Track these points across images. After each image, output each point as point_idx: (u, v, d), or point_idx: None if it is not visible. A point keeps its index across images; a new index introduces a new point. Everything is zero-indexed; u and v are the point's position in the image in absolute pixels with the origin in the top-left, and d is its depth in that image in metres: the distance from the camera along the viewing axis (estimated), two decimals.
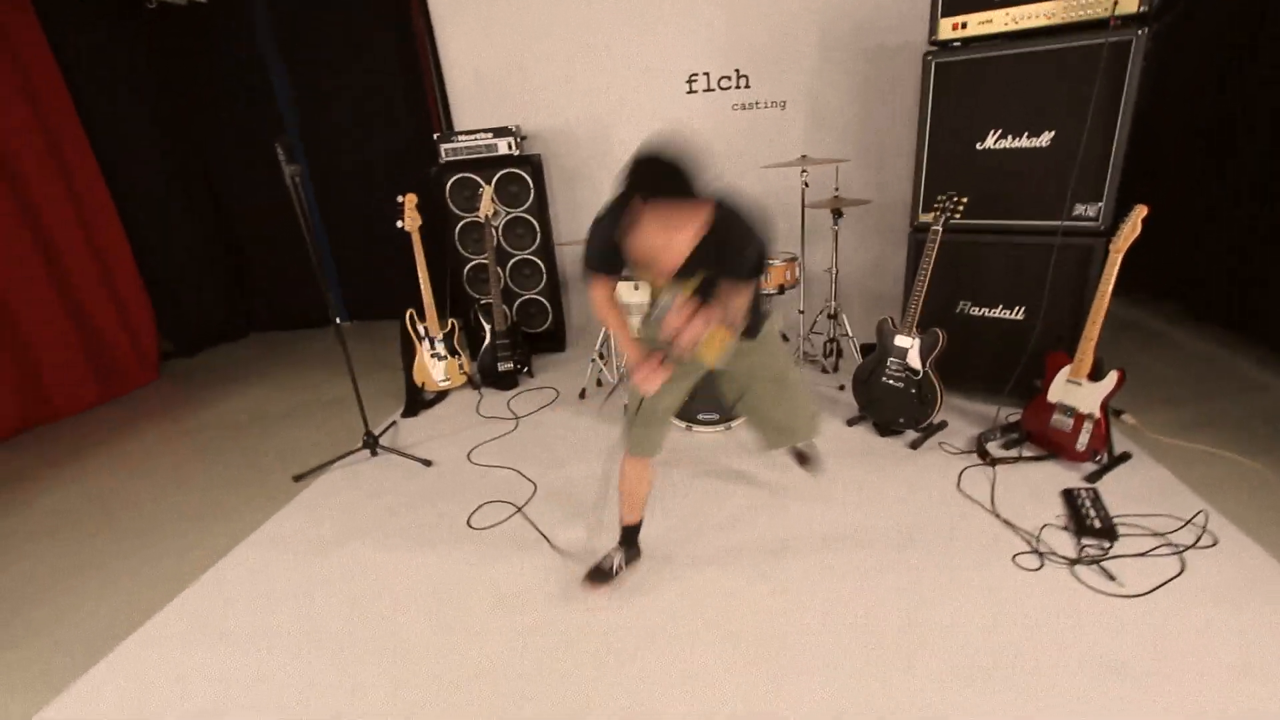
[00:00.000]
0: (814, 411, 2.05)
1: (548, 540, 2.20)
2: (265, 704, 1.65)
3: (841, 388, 3.13)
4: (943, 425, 2.72)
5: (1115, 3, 2.17)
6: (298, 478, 2.81)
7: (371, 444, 2.96)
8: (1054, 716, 1.44)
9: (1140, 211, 2.12)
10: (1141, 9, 2.15)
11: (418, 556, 2.20)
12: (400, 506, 2.52)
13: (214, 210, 5.02)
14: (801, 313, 3.18)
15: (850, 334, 3.31)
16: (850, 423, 2.83)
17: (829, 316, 3.34)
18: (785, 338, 1.98)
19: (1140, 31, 2.15)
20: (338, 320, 2.77)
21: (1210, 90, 3.36)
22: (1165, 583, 1.78)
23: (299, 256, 2.97)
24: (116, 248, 4.21)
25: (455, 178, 3.70)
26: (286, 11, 4.46)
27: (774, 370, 1.92)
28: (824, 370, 3.39)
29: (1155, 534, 1.97)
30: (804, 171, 2.96)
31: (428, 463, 2.84)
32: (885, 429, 2.72)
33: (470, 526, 2.34)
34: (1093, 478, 2.28)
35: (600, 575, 1.94)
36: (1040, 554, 1.94)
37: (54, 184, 3.79)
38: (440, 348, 3.56)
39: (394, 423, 3.32)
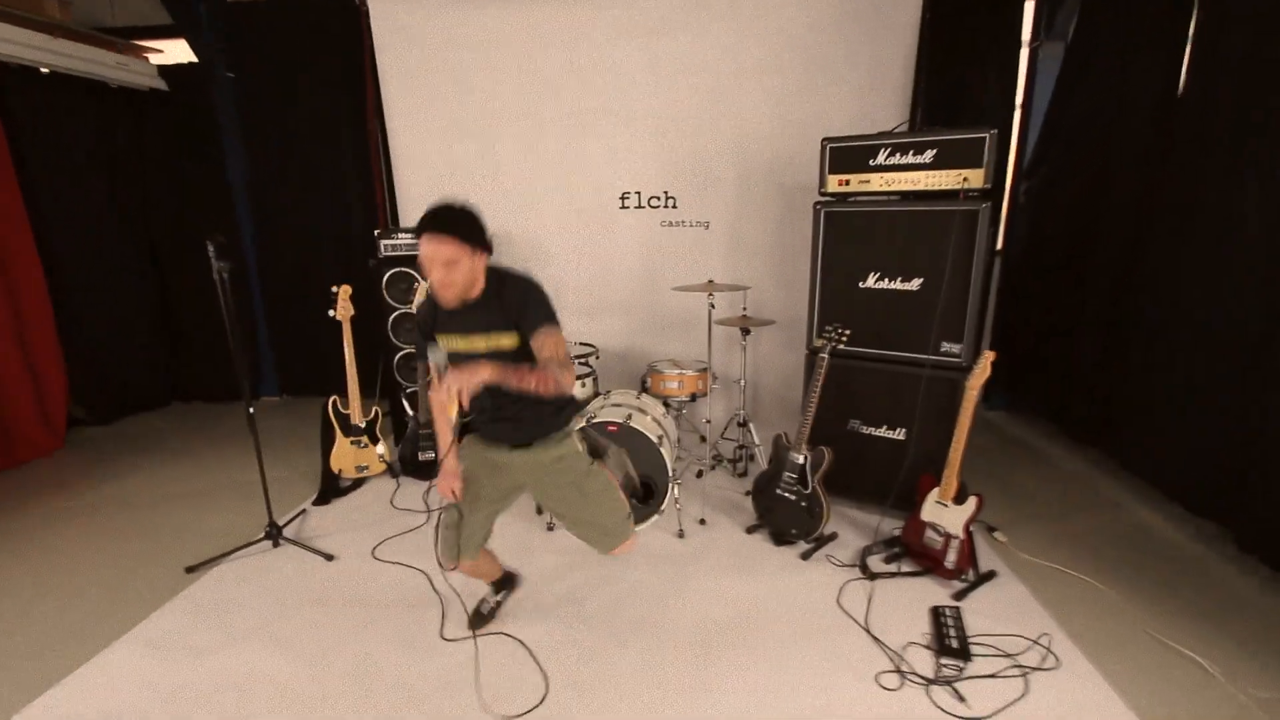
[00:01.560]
0: (625, 515, 2.06)
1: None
2: None
3: (747, 493, 3.28)
4: (833, 536, 2.88)
5: (965, 179, 2.56)
6: (190, 569, 2.73)
7: (274, 534, 2.92)
8: None
9: (988, 356, 2.42)
10: (987, 185, 2.55)
11: (296, 666, 2.16)
12: (291, 606, 2.48)
13: (155, 280, 5.01)
14: (708, 421, 3.38)
15: (758, 443, 3.50)
16: (749, 530, 2.96)
17: (739, 424, 3.54)
18: (596, 454, 2.08)
19: (985, 205, 2.53)
20: (251, 410, 2.79)
21: (1072, 235, 3.86)
22: (1007, 706, 1.92)
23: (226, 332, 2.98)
24: (37, 309, 4.13)
25: (392, 271, 3.85)
26: (248, 96, 4.68)
27: (571, 477, 2.00)
28: (734, 474, 3.56)
29: (1005, 654, 2.13)
30: (710, 295, 3.23)
31: (330, 557, 2.82)
32: (780, 538, 2.86)
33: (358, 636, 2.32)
34: (960, 595, 2.46)
35: (480, 619, 2.29)
36: (902, 673, 2.06)
37: None
38: (361, 435, 3.58)
39: (304, 510, 3.28)
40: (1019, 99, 4.14)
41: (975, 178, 2.56)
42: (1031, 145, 4.17)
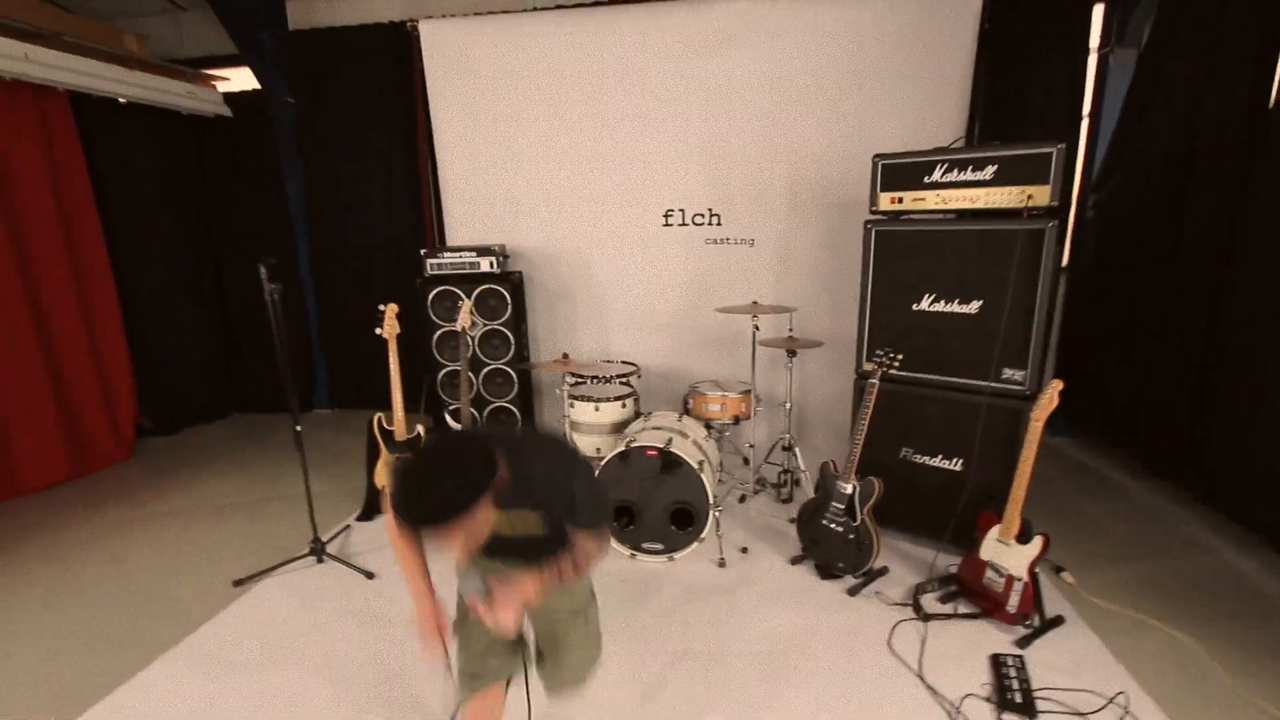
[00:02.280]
0: (593, 659, 1.67)
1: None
2: None
3: (792, 520, 3.16)
4: (883, 571, 2.73)
5: (1029, 196, 2.41)
6: (238, 583, 2.80)
7: (319, 551, 2.97)
8: None
9: (1056, 385, 2.26)
10: (1053, 203, 2.39)
11: (331, 685, 2.16)
12: (330, 624, 2.50)
13: (216, 295, 5.25)
14: (751, 446, 3.28)
15: (803, 467, 3.38)
16: (794, 561, 2.84)
17: (784, 448, 3.43)
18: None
19: (1052, 224, 2.37)
20: (298, 429, 2.85)
21: (1147, 252, 3.60)
22: None
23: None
24: (109, 321, 4.37)
25: (438, 290, 3.91)
26: (306, 121, 4.87)
27: (573, 605, 1.62)
28: (778, 500, 3.43)
29: (1075, 713, 1.95)
30: (755, 317, 3.14)
31: (370, 575, 2.84)
32: (826, 572, 2.73)
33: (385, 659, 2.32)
34: (1023, 642, 2.28)
35: None
36: None
37: (57, 254, 3.98)
38: (406, 452, 3.61)
39: (348, 526, 3.33)
40: (1086, 108, 3.91)
41: (1041, 195, 2.40)
42: (1100, 156, 3.93)
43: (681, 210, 4.06)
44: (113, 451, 4.37)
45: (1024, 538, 2.31)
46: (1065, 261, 4.22)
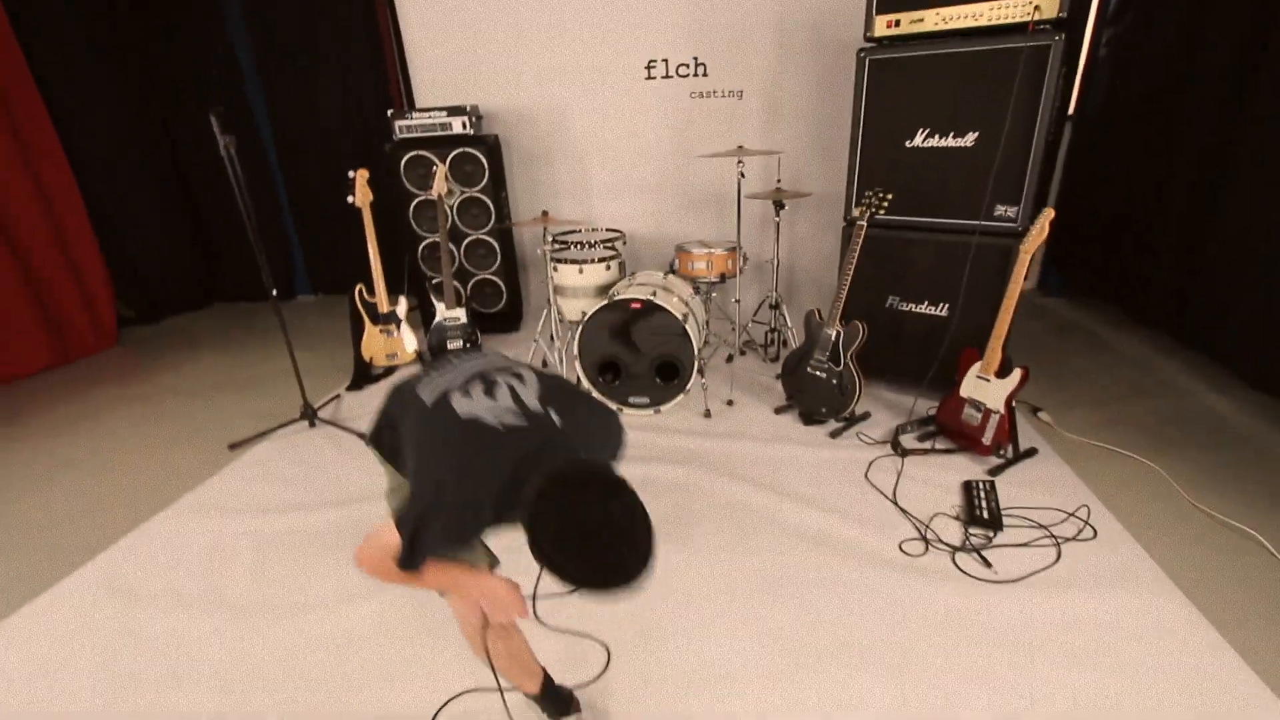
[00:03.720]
0: None
1: None
2: (164, 659, 1.71)
3: (778, 376, 3.19)
4: (865, 416, 2.79)
5: (1035, 8, 2.21)
6: (233, 446, 2.85)
7: (310, 415, 3.00)
8: (900, 691, 1.51)
9: (1048, 214, 2.17)
10: (1060, 14, 2.19)
11: (329, 527, 2.25)
12: (324, 476, 2.57)
13: (178, 181, 5.00)
14: (737, 302, 3.23)
15: (790, 325, 3.36)
16: (778, 410, 2.89)
17: (770, 306, 3.40)
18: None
19: (1058, 37, 2.19)
20: (274, 292, 2.79)
21: (1161, 96, 3.40)
22: (1037, 571, 1.86)
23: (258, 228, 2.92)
24: (73, 215, 4.18)
25: (409, 155, 3.71)
26: None
27: None
28: (765, 359, 3.45)
29: (1039, 525, 2.05)
30: (740, 162, 2.99)
31: (363, 436, 2.89)
32: (809, 418, 2.78)
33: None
34: (995, 470, 2.36)
35: None
36: (927, 541, 2.01)
37: (7, 147, 3.76)
38: (389, 323, 3.58)
39: (338, 395, 3.36)
40: None
41: (1049, 6, 2.20)
42: None
43: (665, 61, 3.77)
44: (95, 341, 4.33)
45: (1003, 372, 2.33)
46: (1073, 108, 3.99)
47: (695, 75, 3.76)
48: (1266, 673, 1.50)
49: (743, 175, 3.02)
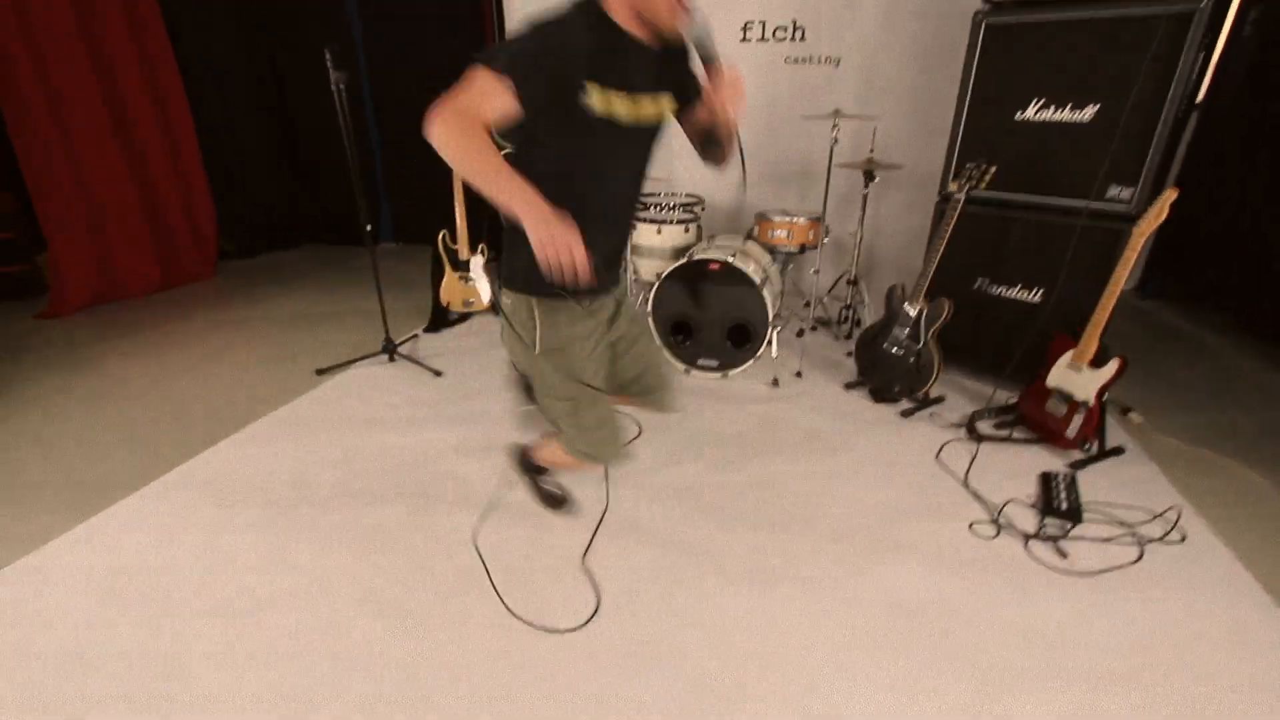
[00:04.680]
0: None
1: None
2: (255, 550, 1.86)
3: (849, 354, 3.13)
4: (940, 399, 2.70)
5: None
6: (320, 371, 3.03)
7: (390, 350, 3.15)
8: (958, 677, 1.49)
9: (1170, 195, 2.03)
10: None
11: (404, 448, 2.37)
12: (404, 405, 2.71)
13: (281, 123, 5.27)
14: (816, 272, 3.16)
15: (866, 302, 3.28)
16: (847, 386, 2.85)
17: (849, 282, 3.32)
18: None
19: (1203, 3, 2.02)
20: (369, 228, 2.92)
21: None
22: (1116, 567, 1.78)
23: (350, 172, 3.06)
24: (187, 145, 4.49)
25: None
26: None
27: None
28: (838, 337, 3.39)
29: (1122, 524, 1.96)
30: (835, 126, 2.91)
31: (438, 373, 3.02)
32: (880, 395, 2.73)
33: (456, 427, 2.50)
34: (1078, 464, 2.26)
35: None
36: (999, 525, 1.95)
37: (141, 83, 4.05)
38: (468, 271, 3.69)
39: (416, 335, 3.51)
40: None
41: None
42: None
43: (762, 23, 3.67)
44: (199, 269, 4.65)
45: (1098, 362, 2.21)
46: (1200, 96, 3.68)
47: (792, 40, 3.65)
48: None
49: (836, 140, 2.93)
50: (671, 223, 3.18)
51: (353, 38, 4.90)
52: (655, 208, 3.51)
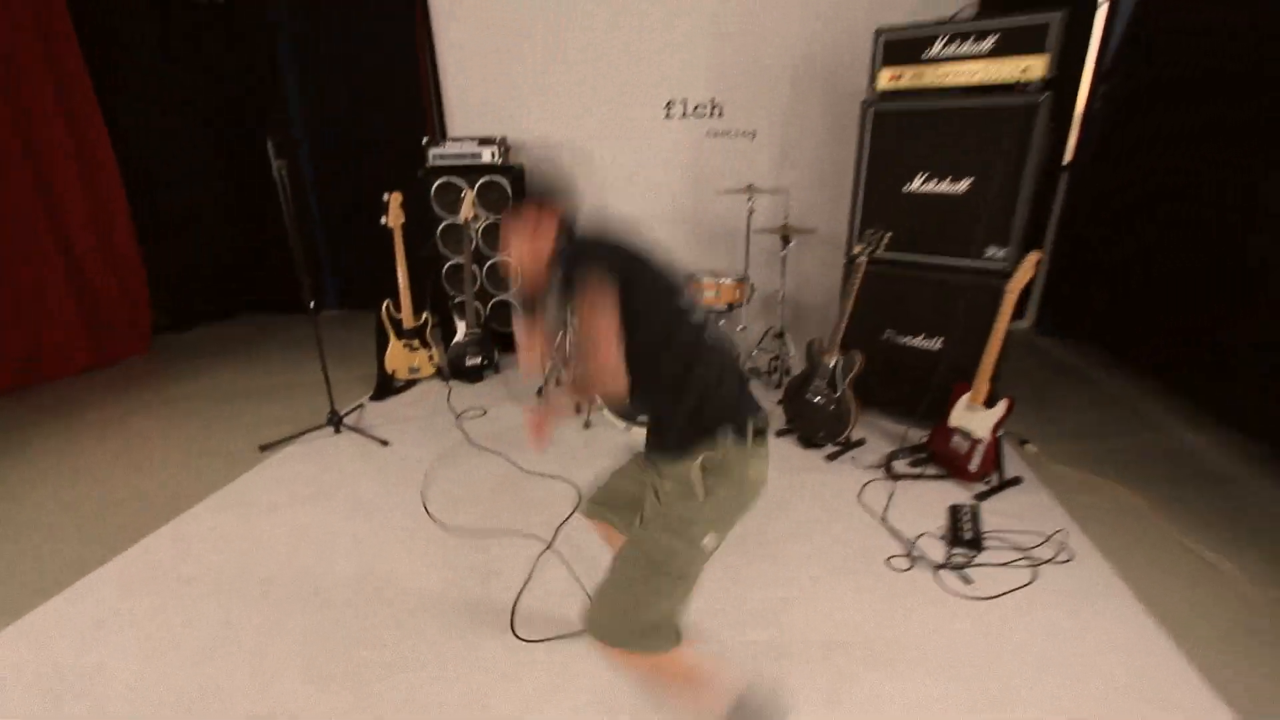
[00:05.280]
0: (622, 613, 1.28)
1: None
2: (200, 637, 1.86)
3: (779, 402, 3.34)
4: (860, 442, 2.93)
5: (1025, 69, 2.42)
6: (263, 448, 3.03)
7: (335, 422, 3.18)
8: (874, 694, 1.64)
9: (1034, 256, 2.35)
10: (1048, 75, 2.40)
11: (358, 521, 2.41)
12: (352, 478, 2.74)
13: (217, 193, 5.28)
14: (743, 329, 3.41)
15: (793, 354, 3.53)
16: (778, 434, 3.05)
17: (775, 336, 3.57)
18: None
19: (1045, 96, 2.39)
20: (312, 304, 2.99)
21: (1148, 148, 3.59)
22: (1014, 590, 1.99)
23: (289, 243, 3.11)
24: (118, 217, 4.43)
25: (440, 181, 3.95)
26: (301, 10, 4.74)
27: (660, 503, 1.33)
28: (769, 386, 3.62)
29: (1019, 548, 2.18)
30: (750, 199, 3.20)
31: (385, 442, 3.06)
32: (808, 442, 2.93)
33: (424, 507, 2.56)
34: (981, 496, 2.50)
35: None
36: (912, 558, 2.15)
37: (68, 152, 4.03)
38: (413, 339, 3.78)
39: (361, 404, 3.55)
40: None
41: (1037, 66, 2.41)
42: (1116, 42, 3.83)
43: (684, 101, 4.01)
44: (132, 345, 4.56)
45: (990, 402, 2.48)
46: (1068, 158, 4.20)
47: (712, 115, 4.00)
48: (1224, 690, 1.62)
49: (752, 211, 3.22)
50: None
51: (289, 115, 5.03)
52: None
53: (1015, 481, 2.59)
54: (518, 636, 1.83)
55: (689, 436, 1.28)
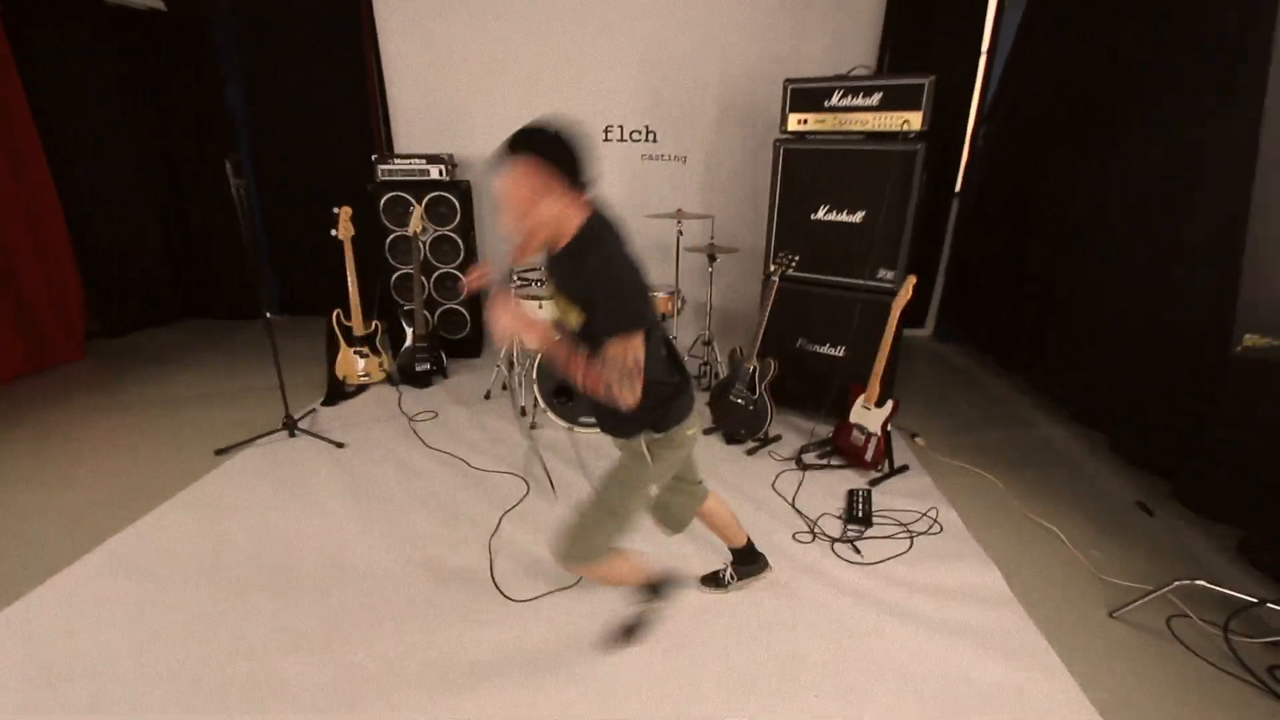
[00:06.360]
0: (582, 540, 1.66)
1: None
2: (168, 634, 2.04)
3: (706, 404, 3.72)
4: (777, 438, 3.34)
5: (905, 122, 2.88)
6: (219, 451, 3.15)
7: (290, 426, 3.33)
8: (773, 641, 2.01)
9: (910, 280, 2.80)
10: (924, 128, 2.86)
11: (320, 520, 2.61)
12: (309, 478, 2.92)
13: (160, 201, 5.23)
14: (674, 338, 3.76)
15: (719, 359, 3.92)
16: (706, 432, 3.41)
17: (704, 343, 3.95)
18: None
19: (920, 147, 2.85)
20: (268, 314, 3.15)
21: (1019, 181, 4.17)
22: (891, 557, 2.41)
23: (236, 251, 3.21)
24: (52, 224, 4.38)
25: (390, 195, 4.14)
26: (246, 20, 4.79)
27: (615, 472, 1.71)
28: (699, 389, 3.99)
29: (899, 524, 2.62)
30: (679, 223, 3.57)
31: (340, 445, 3.25)
32: (730, 438, 3.32)
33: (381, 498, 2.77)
34: (874, 482, 2.93)
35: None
36: (814, 534, 2.55)
37: None
38: (363, 345, 3.95)
39: (314, 409, 3.69)
40: (985, 45, 4.36)
41: (914, 120, 2.87)
42: (993, 91, 4.42)
43: (620, 127, 4.35)
44: (66, 350, 4.50)
45: (880, 402, 2.92)
46: (959, 187, 4.78)
47: (646, 140, 4.36)
48: (1048, 629, 2.06)
49: (681, 233, 3.59)
50: (550, 298, 3.65)
51: (232, 123, 5.05)
52: (536, 284, 4.00)
53: (903, 469, 3.04)
54: (503, 593, 2.10)
55: (645, 424, 1.63)
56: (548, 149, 1.39)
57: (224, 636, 1.99)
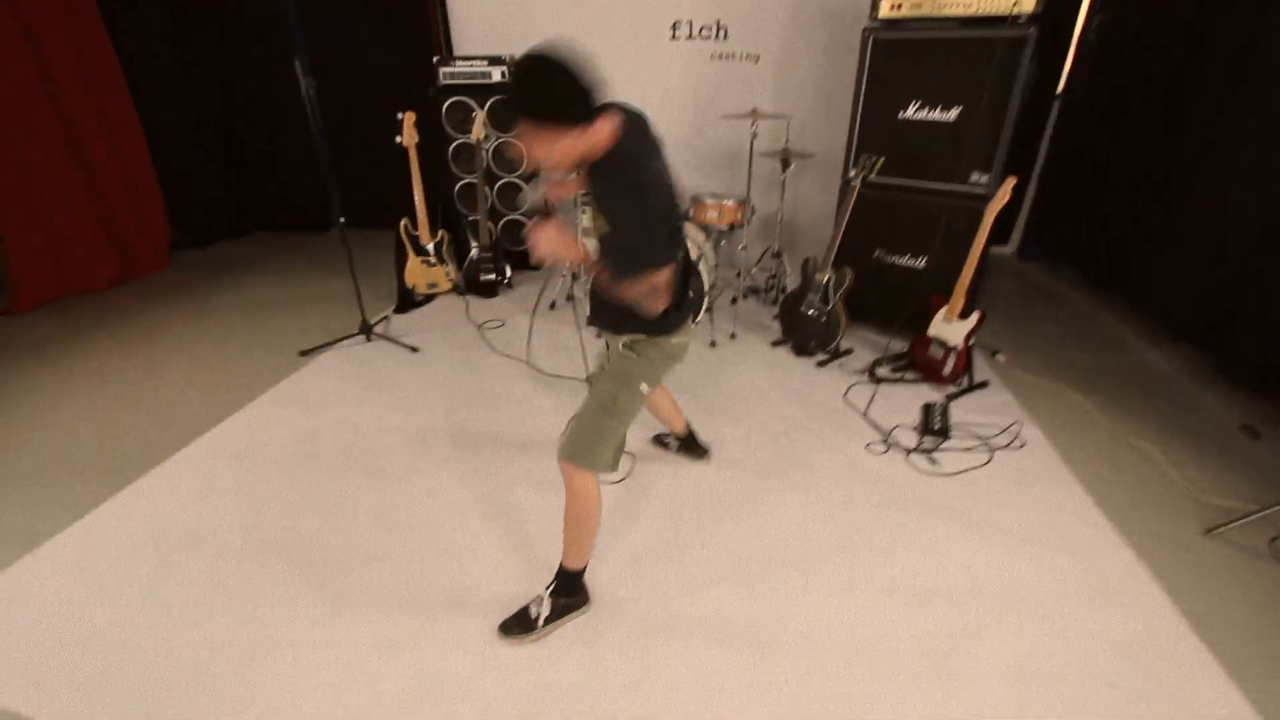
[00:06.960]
0: (596, 435, 1.67)
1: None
2: (266, 511, 2.20)
3: (775, 318, 3.63)
4: (849, 351, 3.25)
5: (1016, 3, 2.57)
6: (303, 353, 3.30)
7: (367, 331, 3.45)
8: (849, 539, 2.02)
9: (1010, 182, 2.59)
10: (1037, 11, 2.56)
11: (401, 414, 2.73)
12: (391, 376, 3.04)
13: (223, 113, 5.29)
14: (744, 248, 3.66)
15: (789, 272, 3.79)
16: (774, 344, 3.35)
17: (773, 255, 3.82)
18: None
19: (1031, 30, 2.56)
20: (342, 220, 3.19)
21: (1132, 83, 3.75)
22: (970, 469, 2.36)
23: (301, 162, 3.20)
24: (132, 139, 4.51)
25: (451, 100, 4.04)
26: None
27: (607, 373, 1.75)
28: (765, 303, 3.90)
29: (979, 437, 2.54)
30: (754, 124, 3.37)
31: (415, 349, 3.35)
32: (801, 350, 3.25)
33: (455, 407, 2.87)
34: (951, 397, 2.84)
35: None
36: (888, 444, 2.50)
37: (78, 80, 4.07)
38: (430, 255, 3.99)
39: (386, 316, 3.80)
40: None
41: (1027, 1, 2.56)
42: None
43: (690, 22, 4.07)
44: (154, 260, 4.72)
45: (965, 314, 2.78)
46: (1060, 88, 4.33)
47: (717, 38, 4.07)
48: (1136, 542, 2.00)
49: (755, 135, 3.40)
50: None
51: (290, 33, 4.97)
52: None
53: (983, 385, 2.93)
54: None
55: (636, 327, 1.65)
56: (541, 109, 1.34)
57: (324, 514, 2.14)
